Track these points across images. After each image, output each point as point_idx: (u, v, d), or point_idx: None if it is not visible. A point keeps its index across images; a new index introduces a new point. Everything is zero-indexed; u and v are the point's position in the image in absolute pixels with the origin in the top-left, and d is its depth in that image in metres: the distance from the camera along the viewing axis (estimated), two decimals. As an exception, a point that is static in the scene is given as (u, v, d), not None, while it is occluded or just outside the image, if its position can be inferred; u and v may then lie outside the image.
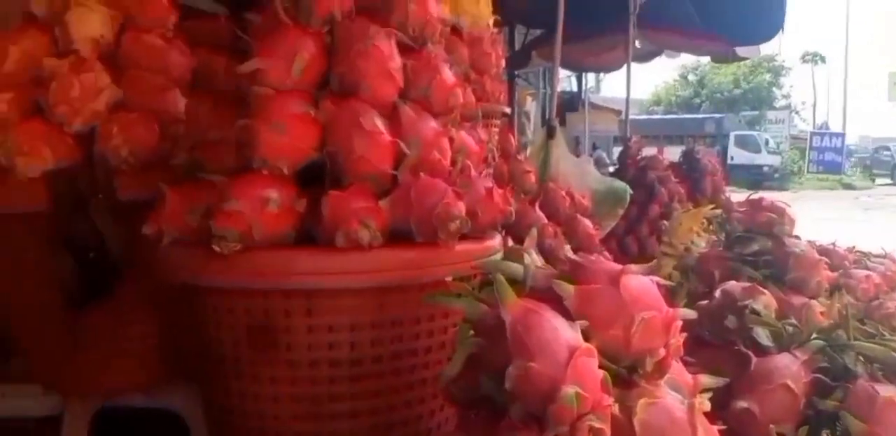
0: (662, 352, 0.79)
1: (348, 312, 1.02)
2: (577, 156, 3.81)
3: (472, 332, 0.87)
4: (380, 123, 1.06)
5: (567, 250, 1.26)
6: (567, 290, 0.79)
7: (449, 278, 1.00)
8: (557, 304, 0.80)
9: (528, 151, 2.78)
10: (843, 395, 1.07)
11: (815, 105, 32.60)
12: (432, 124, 1.12)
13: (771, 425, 1.04)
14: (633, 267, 0.81)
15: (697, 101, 31.93)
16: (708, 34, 4.83)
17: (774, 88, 32.65)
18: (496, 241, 1.15)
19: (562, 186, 2.28)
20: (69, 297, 1.28)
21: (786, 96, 33.75)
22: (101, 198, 1.26)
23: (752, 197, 1.71)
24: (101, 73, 1.35)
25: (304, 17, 1.12)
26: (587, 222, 2.07)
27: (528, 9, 4.32)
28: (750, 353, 1.15)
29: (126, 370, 1.36)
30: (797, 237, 1.64)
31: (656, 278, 0.83)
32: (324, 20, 1.13)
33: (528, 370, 0.72)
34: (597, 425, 0.71)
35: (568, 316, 0.78)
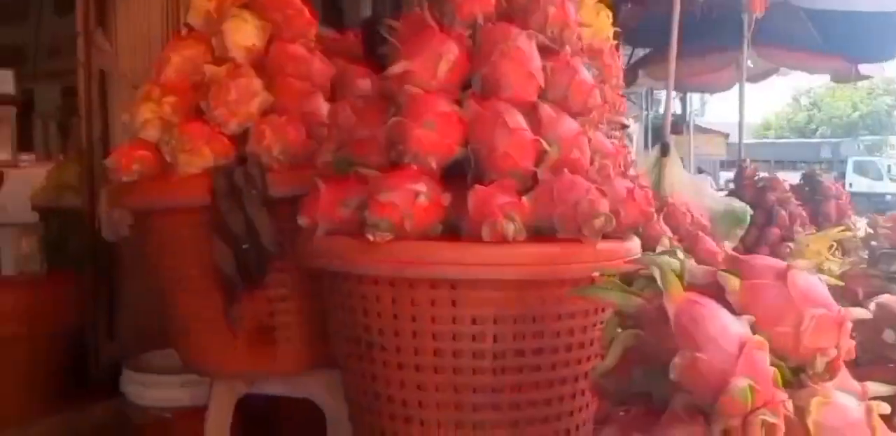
0: (833, 352, 0.76)
1: (492, 305, 1.04)
2: (687, 177, 3.71)
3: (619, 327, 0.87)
4: (522, 122, 1.09)
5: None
6: (733, 283, 0.78)
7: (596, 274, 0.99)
8: (718, 300, 0.79)
9: (639, 169, 2.74)
10: None
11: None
12: (571, 124, 1.13)
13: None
14: (800, 262, 0.78)
15: (812, 126, 30.32)
16: (828, 52, 4.63)
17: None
18: (637, 243, 1.15)
19: (680, 203, 2.23)
20: (225, 285, 1.36)
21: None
22: (254, 193, 1.34)
23: (896, 214, 1.61)
24: (253, 79, 1.46)
25: (448, 20, 1.17)
26: (709, 240, 2.00)
27: (639, 27, 4.27)
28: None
29: (274, 357, 1.44)
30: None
31: (824, 277, 0.80)
32: (467, 23, 1.17)
33: (696, 361, 0.71)
34: (770, 420, 0.69)
35: (731, 312, 0.77)
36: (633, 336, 0.80)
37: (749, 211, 2.53)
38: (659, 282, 0.80)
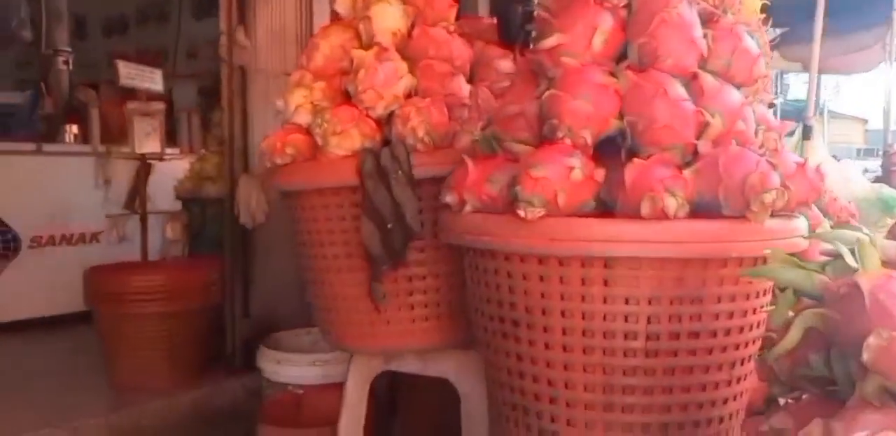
0: None
1: (647, 284, 1.00)
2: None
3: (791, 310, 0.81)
4: (682, 92, 1.04)
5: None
6: (937, 257, 0.71)
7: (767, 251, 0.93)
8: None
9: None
10: None
11: None
12: (735, 94, 1.07)
13: None
14: None
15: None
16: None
17: None
18: (805, 222, 1.07)
19: (827, 190, 2.07)
20: (370, 263, 1.40)
21: None
22: (400, 173, 1.37)
23: None
24: (399, 63, 1.48)
25: (601, -8, 1.13)
26: (862, 228, 1.85)
27: (772, 4, 4.01)
28: None
29: (413, 335, 1.47)
30: None
31: None
32: (621, -6, 1.13)
33: (893, 341, 0.65)
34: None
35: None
36: (818, 316, 0.74)
37: (900, 199, 2.33)
38: (847, 258, 0.74)
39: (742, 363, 1.06)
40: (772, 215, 1.00)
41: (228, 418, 2.33)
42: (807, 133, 2.77)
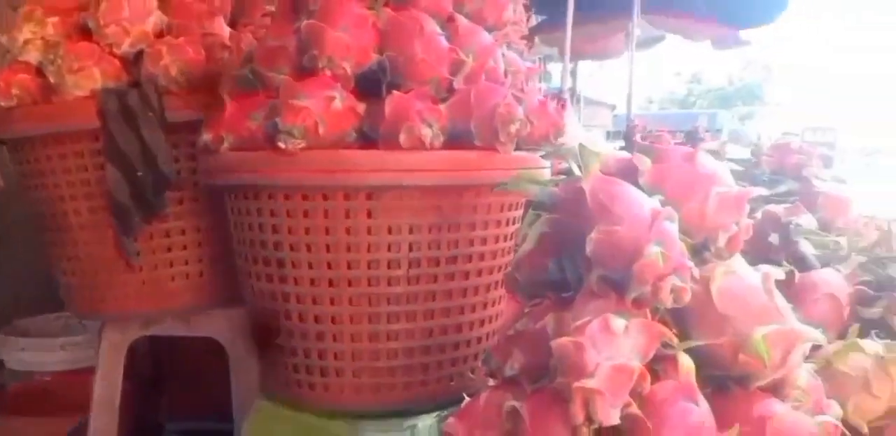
0: (734, 228, 0.81)
1: (408, 213, 1.03)
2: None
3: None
4: (438, 30, 1.08)
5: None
6: (645, 162, 0.81)
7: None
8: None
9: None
10: (888, 303, 1.10)
11: (805, 102, 32.77)
12: (486, 36, 1.14)
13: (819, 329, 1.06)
14: (707, 145, 0.83)
15: (692, 98, 32.11)
16: (709, 17, 4.86)
17: (766, 85, 32.86)
18: (550, 160, 1.17)
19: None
20: (118, 216, 1.28)
21: (775, 93, 33.93)
22: (150, 116, 1.26)
23: (780, 141, 1.73)
24: (148, -2, 1.36)
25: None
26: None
27: (537, -5, 4.34)
28: (793, 268, 1.17)
29: (172, 295, 1.37)
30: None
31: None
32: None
33: (611, 234, 0.74)
34: (679, 284, 0.73)
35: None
36: (549, 221, 0.82)
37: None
38: (574, 168, 0.83)
39: (497, 287, 1.14)
40: (519, 149, 1.09)
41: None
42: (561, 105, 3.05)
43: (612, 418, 0.68)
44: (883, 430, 1.00)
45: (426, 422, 1.08)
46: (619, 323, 0.72)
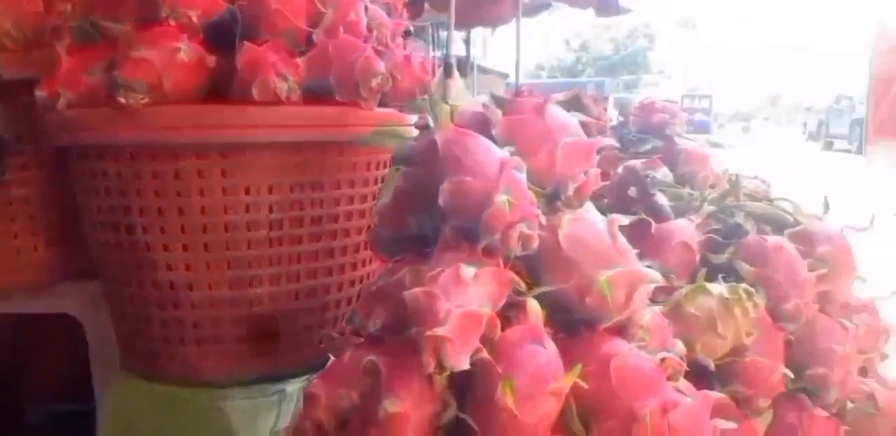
0: (583, 178, 0.82)
1: (267, 172, 0.99)
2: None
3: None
4: (293, -20, 1.03)
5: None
6: (496, 114, 0.81)
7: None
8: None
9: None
10: (735, 249, 1.17)
11: (686, 70, 34.46)
12: (347, -12, 1.09)
13: (671, 275, 1.12)
14: (557, 96, 0.83)
15: (580, 67, 33.05)
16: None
17: (650, 54, 34.23)
18: (414, 116, 1.15)
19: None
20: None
21: (659, 62, 35.46)
22: (-20, 73, 1.14)
23: (646, 101, 1.79)
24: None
25: None
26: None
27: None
28: (650, 219, 1.22)
29: (19, 268, 1.26)
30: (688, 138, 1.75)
31: (577, 114, 0.87)
32: None
33: (462, 184, 0.73)
34: (527, 231, 0.73)
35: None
36: (406, 175, 0.81)
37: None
38: (430, 122, 0.81)
39: (365, 247, 1.12)
40: (385, 105, 1.06)
41: None
42: (448, 71, 3.03)
43: (463, 363, 0.68)
44: (729, 366, 1.08)
45: (295, 386, 1.06)
46: (468, 272, 0.72)
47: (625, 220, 0.85)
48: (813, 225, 1.20)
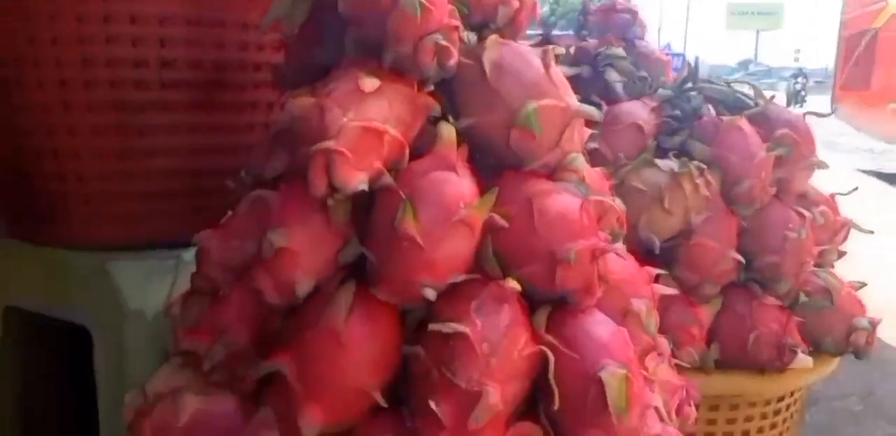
0: (516, 4, 0.71)
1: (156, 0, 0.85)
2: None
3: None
4: None
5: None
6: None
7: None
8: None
9: None
10: (689, 131, 1.08)
11: (659, 29, 34.23)
12: None
13: (620, 154, 1.02)
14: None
15: (553, 19, 32.64)
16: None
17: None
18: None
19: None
20: None
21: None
22: None
23: (605, 3, 1.67)
24: None
25: None
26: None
27: None
28: (602, 102, 1.12)
29: None
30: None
31: None
32: None
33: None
34: (443, 42, 0.62)
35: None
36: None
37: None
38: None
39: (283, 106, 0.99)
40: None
41: None
42: None
43: (357, 183, 0.57)
44: (675, 249, 1.00)
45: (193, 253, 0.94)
46: (370, 82, 0.60)
47: (560, 49, 0.74)
48: (773, 108, 1.11)
